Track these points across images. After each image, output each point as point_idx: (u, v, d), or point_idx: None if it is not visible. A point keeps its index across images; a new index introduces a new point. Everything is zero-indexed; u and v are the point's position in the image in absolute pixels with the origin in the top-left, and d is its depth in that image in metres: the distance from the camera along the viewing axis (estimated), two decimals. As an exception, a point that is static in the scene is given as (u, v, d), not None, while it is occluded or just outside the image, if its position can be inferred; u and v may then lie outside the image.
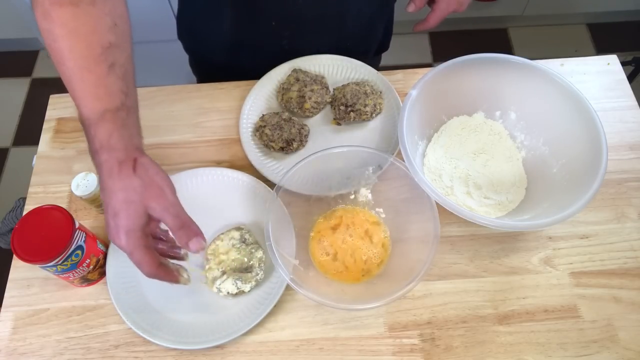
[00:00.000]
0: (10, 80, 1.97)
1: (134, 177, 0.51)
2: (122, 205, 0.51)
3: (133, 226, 0.51)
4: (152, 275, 0.53)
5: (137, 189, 0.51)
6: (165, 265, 0.55)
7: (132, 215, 0.51)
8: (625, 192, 0.74)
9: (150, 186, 0.52)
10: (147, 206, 0.52)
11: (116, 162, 0.51)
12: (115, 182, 0.51)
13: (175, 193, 0.55)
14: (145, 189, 0.52)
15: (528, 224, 0.64)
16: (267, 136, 0.76)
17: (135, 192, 0.51)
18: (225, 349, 0.64)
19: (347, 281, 0.66)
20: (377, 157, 0.68)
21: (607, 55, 0.86)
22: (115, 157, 0.51)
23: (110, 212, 0.51)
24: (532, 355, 0.62)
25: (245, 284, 0.65)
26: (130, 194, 0.51)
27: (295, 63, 0.84)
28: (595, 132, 0.65)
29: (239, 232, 0.69)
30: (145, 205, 0.52)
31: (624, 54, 1.35)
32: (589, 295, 0.66)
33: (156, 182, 0.53)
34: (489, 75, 0.73)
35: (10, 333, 0.65)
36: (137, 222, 0.51)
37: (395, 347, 0.63)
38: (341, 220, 0.70)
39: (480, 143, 0.75)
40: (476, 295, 0.66)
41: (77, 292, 0.68)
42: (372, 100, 0.78)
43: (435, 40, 2.03)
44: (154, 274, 0.53)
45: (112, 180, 0.51)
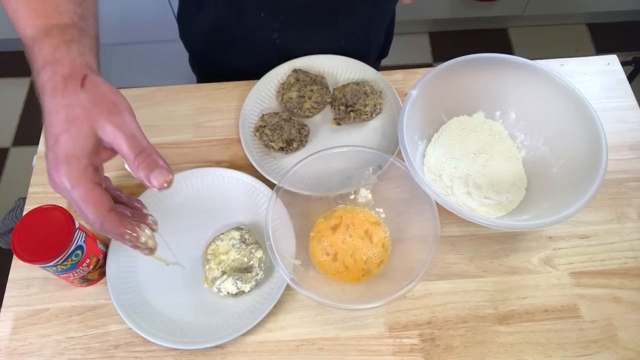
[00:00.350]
0: (10, 80, 1.97)
1: (80, 92, 0.41)
2: (62, 125, 0.41)
3: (75, 151, 0.40)
4: (101, 221, 0.41)
5: (84, 103, 0.41)
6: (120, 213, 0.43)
7: (74, 136, 0.40)
8: (625, 192, 0.74)
9: (100, 102, 0.42)
10: (94, 124, 0.41)
11: (61, 78, 0.42)
12: (57, 101, 0.41)
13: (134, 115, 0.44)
14: (94, 104, 0.41)
15: (528, 224, 0.64)
16: (267, 136, 0.76)
17: (80, 107, 0.41)
18: (225, 349, 0.64)
19: (347, 281, 0.66)
20: (377, 157, 0.68)
21: (607, 55, 0.86)
22: (61, 73, 0.42)
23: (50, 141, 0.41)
24: (532, 355, 0.62)
25: (245, 284, 0.65)
26: (74, 110, 0.41)
27: (295, 63, 0.84)
28: (595, 132, 0.65)
29: (239, 232, 0.69)
30: (92, 123, 0.41)
31: (624, 54, 1.35)
32: (589, 295, 0.66)
33: (108, 98, 0.42)
34: (489, 75, 0.73)
35: (10, 333, 0.65)
36: (81, 145, 0.40)
37: (395, 347, 0.63)
38: (341, 221, 0.70)
39: (480, 143, 0.75)
40: (476, 295, 0.66)
41: (77, 292, 0.68)
42: (372, 100, 0.78)
43: (435, 40, 2.03)
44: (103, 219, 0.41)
45: (54, 100, 0.41)
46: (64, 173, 0.40)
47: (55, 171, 0.41)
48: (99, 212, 0.41)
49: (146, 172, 0.41)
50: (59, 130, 0.41)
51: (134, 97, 0.67)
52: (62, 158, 0.41)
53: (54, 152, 0.41)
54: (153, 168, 0.41)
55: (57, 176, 0.41)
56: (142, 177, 0.42)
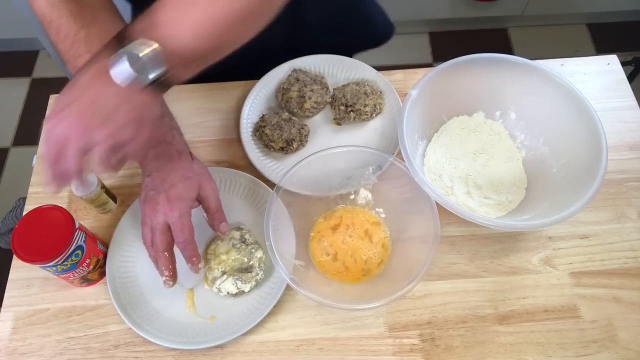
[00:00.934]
0: (10, 80, 1.97)
1: (192, 162, 0.63)
2: (180, 179, 0.60)
3: (186, 195, 0.60)
4: (188, 243, 0.60)
5: (195, 170, 0.62)
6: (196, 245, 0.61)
7: (187, 187, 0.60)
8: (625, 192, 0.74)
9: (202, 172, 0.64)
10: (200, 184, 0.62)
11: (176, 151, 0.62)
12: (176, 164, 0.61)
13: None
14: (201, 172, 0.63)
15: (528, 224, 0.64)
16: (267, 136, 0.76)
17: (192, 172, 0.62)
18: (225, 349, 0.64)
19: (347, 281, 0.66)
20: (377, 157, 0.68)
21: (607, 55, 0.86)
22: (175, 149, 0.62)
23: (166, 185, 0.60)
24: (532, 355, 0.62)
25: (245, 284, 0.65)
26: (188, 172, 0.61)
27: (295, 63, 0.84)
28: (595, 132, 0.65)
29: (239, 232, 0.69)
30: (199, 183, 0.62)
31: (624, 54, 1.35)
32: (589, 295, 0.66)
33: (205, 171, 0.64)
34: (489, 75, 0.73)
35: (10, 333, 0.65)
36: (190, 193, 0.61)
37: (395, 347, 0.63)
38: (341, 221, 0.70)
39: (480, 143, 0.75)
40: (476, 295, 0.66)
41: (77, 292, 0.68)
42: (372, 100, 0.78)
43: (435, 40, 2.03)
44: (190, 242, 0.60)
45: (173, 164, 0.61)
46: (177, 207, 0.59)
47: (170, 206, 0.59)
48: (190, 237, 0.60)
49: (217, 223, 0.65)
50: (176, 181, 0.60)
51: (134, 97, 0.67)
52: (177, 198, 0.59)
53: (169, 193, 0.59)
54: (222, 221, 0.65)
55: (170, 209, 0.59)
56: (214, 225, 0.65)
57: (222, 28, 0.47)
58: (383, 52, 1.01)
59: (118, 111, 0.46)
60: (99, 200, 0.70)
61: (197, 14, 0.45)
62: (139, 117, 0.48)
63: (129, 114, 0.46)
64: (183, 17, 0.45)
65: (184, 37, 0.46)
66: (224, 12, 0.46)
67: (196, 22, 0.46)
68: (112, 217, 0.73)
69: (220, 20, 0.46)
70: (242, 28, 0.48)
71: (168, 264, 0.61)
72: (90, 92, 0.46)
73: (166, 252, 0.60)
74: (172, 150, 0.61)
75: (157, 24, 0.45)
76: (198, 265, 0.62)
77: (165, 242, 0.60)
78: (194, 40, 0.46)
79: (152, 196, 0.60)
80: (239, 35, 0.49)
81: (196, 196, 0.62)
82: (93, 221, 0.73)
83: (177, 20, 0.45)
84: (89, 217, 0.73)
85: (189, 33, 0.46)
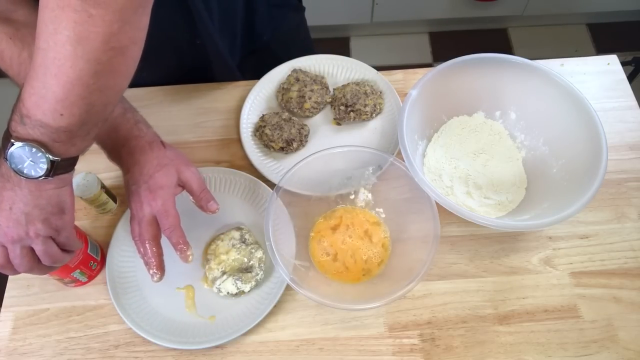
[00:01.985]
0: (10, 80, 1.97)
1: (165, 150, 0.63)
2: (156, 168, 0.60)
3: (166, 183, 0.61)
4: (174, 227, 0.60)
5: (170, 156, 0.62)
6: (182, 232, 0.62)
7: (165, 175, 0.61)
8: (625, 192, 0.74)
9: (178, 157, 0.64)
10: (177, 169, 0.62)
11: (147, 143, 0.62)
12: (148, 155, 0.61)
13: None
14: (176, 157, 0.63)
15: (528, 224, 0.64)
16: (267, 136, 0.76)
17: (167, 158, 0.62)
18: (225, 349, 0.64)
19: (347, 281, 0.66)
20: (377, 157, 0.68)
21: (607, 55, 0.86)
22: (145, 140, 0.62)
23: (145, 177, 0.60)
24: (532, 355, 0.62)
25: (245, 284, 0.65)
26: (163, 160, 0.61)
27: (295, 63, 0.84)
28: (595, 132, 0.65)
29: (239, 232, 0.69)
30: (177, 168, 0.62)
31: (624, 54, 1.35)
32: (589, 295, 0.66)
33: (181, 155, 0.65)
34: (489, 75, 0.73)
35: (10, 333, 0.65)
36: (169, 180, 0.61)
37: (395, 347, 0.63)
38: (341, 221, 0.70)
39: (480, 143, 0.75)
40: (476, 295, 0.66)
41: (77, 292, 0.68)
42: (372, 100, 0.78)
43: (435, 40, 2.03)
44: (175, 227, 0.60)
45: (146, 156, 0.61)
46: (159, 195, 0.60)
47: (152, 195, 0.60)
48: (175, 222, 0.61)
49: (204, 203, 0.64)
50: (153, 171, 0.60)
51: (134, 97, 0.67)
52: (157, 187, 0.60)
53: (149, 184, 0.60)
54: (209, 200, 0.65)
55: (152, 198, 0.60)
56: (202, 205, 0.64)
57: (79, 94, 0.45)
58: (383, 52, 1.01)
59: (35, 209, 0.49)
60: (99, 201, 0.69)
61: (52, 91, 0.45)
62: (57, 205, 0.51)
63: (46, 208, 0.50)
64: (42, 100, 0.45)
65: (51, 118, 0.46)
66: (70, 79, 0.44)
67: (54, 99, 0.45)
68: (112, 218, 0.73)
69: (72, 87, 0.45)
70: (97, 86, 0.46)
71: (154, 255, 0.61)
72: (4, 201, 0.49)
73: (152, 242, 0.60)
74: (142, 142, 0.62)
75: (27, 115, 0.46)
76: (187, 253, 0.61)
77: (152, 233, 0.60)
78: (61, 117, 0.46)
79: (134, 190, 0.61)
80: (100, 93, 0.47)
81: (177, 182, 0.62)
82: (93, 221, 0.73)
83: (38, 105, 0.45)
84: (88, 217, 0.73)
85: (54, 112, 0.46)
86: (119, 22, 0.43)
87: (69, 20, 0.42)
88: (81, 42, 0.43)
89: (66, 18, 0.42)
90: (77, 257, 0.63)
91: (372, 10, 1.85)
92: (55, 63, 0.44)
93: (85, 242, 0.64)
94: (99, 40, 0.43)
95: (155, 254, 0.61)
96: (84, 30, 0.42)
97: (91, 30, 0.42)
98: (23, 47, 0.59)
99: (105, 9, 0.42)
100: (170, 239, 0.61)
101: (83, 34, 0.42)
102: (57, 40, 0.43)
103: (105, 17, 0.42)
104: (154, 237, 0.60)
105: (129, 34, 0.45)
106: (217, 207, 0.65)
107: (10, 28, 0.59)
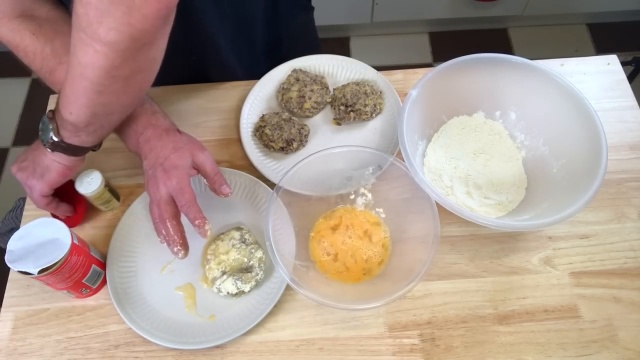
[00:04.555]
0: (10, 80, 1.97)
1: (180, 135, 0.66)
2: (171, 150, 0.63)
3: (181, 163, 0.63)
4: (191, 203, 0.62)
5: (184, 140, 0.65)
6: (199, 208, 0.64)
7: (180, 156, 0.63)
8: (625, 192, 0.74)
9: (192, 142, 0.66)
10: (192, 152, 0.64)
11: (163, 130, 0.65)
12: (164, 140, 0.64)
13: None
14: (191, 141, 0.66)
15: (528, 224, 0.64)
16: (267, 136, 0.76)
17: (182, 142, 0.65)
18: (225, 349, 0.64)
19: (347, 281, 0.66)
20: (377, 157, 0.68)
21: (607, 55, 0.86)
22: (162, 128, 0.65)
23: (161, 159, 0.63)
24: (532, 355, 0.62)
25: (245, 284, 0.65)
26: (178, 143, 0.64)
27: (295, 63, 0.84)
28: (595, 132, 0.65)
29: (239, 232, 0.69)
30: (191, 151, 0.64)
31: (624, 54, 1.35)
32: (589, 295, 0.66)
33: (196, 140, 0.67)
34: (489, 75, 0.73)
35: (10, 333, 0.65)
36: (184, 161, 0.63)
37: (395, 347, 0.63)
38: (341, 221, 0.70)
39: (480, 143, 0.75)
40: (476, 295, 0.66)
41: (77, 292, 0.68)
42: (372, 100, 0.78)
43: (435, 40, 2.03)
44: (192, 203, 0.62)
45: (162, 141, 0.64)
46: (174, 175, 0.62)
47: (167, 175, 0.62)
48: (191, 199, 0.62)
49: (218, 186, 0.66)
50: (168, 153, 0.63)
51: (134, 97, 0.67)
52: (172, 167, 0.62)
53: (164, 165, 0.62)
54: (222, 184, 0.66)
55: (168, 178, 0.62)
56: (216, 188, 0.66)
57: (85, 104, 0.54)
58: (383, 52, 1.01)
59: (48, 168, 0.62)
60: (102, 198, 0.70)
61: (66, 94, 0.54)
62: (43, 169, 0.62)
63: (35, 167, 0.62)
64: (63, 97, 0.55)
65: (63, 112, 0.56)
66: (78, 92, 0.53)
67: (68, 101, 0.55)
68: (113, 218, 0.73)
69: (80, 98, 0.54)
70: (101, 102, 0.55)
71: (176, 232, 0.62)
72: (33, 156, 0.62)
73: (173, 220, 0.62)
74: (159, 130, 0.65)
75: (56, 104, 0.58)
76: (205, 228, 0.63)
77: (171, 211, 0.62)
78: (70, 114, 0.56)
79: (151, 174, 0.63)
80: (104, 107, 0.56)
81: (191, 164, 0.64)
82: (94, 221, 0.73)
83: (60, 100, 0.56)
84: (90, 216, 0.73)
85: (66, 109, 0.55)
86: (121, 59, 0.49)
87: (80, 50, 0.49)
88: (87, 67, 0.50)
89: (79, 45, 0.49)
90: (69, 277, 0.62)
91: (372, 10, 1.85)
92: (71, 75, 0.52)
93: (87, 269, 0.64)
94: (101, 70, 0.50)
95: (177, 231, 0.62)
96: (89, 60, 0.49)
97: (95, 62, 0.49)
98: (45, 42, 0.63)
99: (110, 48, 0.48)
100: (187, 215, 0.62)
101: (89, 62, 0.49)
102: (72, 60, 0.51)
103: (109, 54, 0.48)
104: (173, 215, 0.62)
105: (132, 66, 0.51)
106: (230, 190, 0.66)
107: (33, 24, 0.63)
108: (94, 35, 0.47)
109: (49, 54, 0.63)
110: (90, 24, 0.46)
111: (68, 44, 0.63)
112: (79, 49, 0.49)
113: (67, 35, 0.63)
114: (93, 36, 0.47)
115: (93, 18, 0.46)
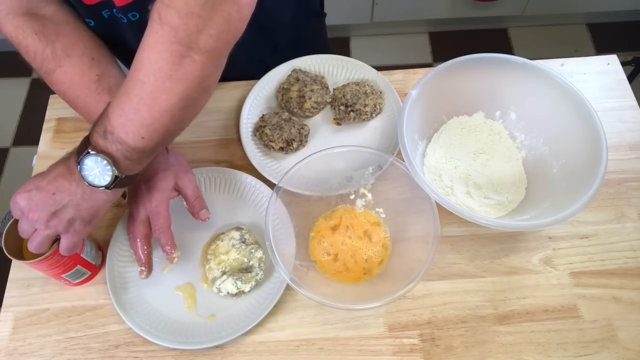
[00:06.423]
0: (10, 80, 1.97)
1: (168, 155, 0.66)
2: (156, 172, 0.64)
3: (163, 186, 0.64)
4: (164, 229, 0.63)
5: (171, 161, 0.66)
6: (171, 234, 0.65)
7: (163, 179, 0.64)
8: (625, 192, 0.74)
9: (178, 163, 0.67)
10: (176, 175, 0.65)
11: None
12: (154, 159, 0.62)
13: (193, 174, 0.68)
14: (176, 163, 0.66)
15: (528, 224, 0.64)
16: (267, 136, 0.76)
17: (168, 164, 0.65)
18: (225, 349, 0.64)
19: (347, 281, 0.66)
20: (377, 157, 0.68)
21: (607, 55, 0.86)
22: None
23: (146, 177, 0.64)
24: (532, 355, 0.62)
25: (245, 284, 0.65)
26: (164, 165, 0.65)
27: (295, 63, 0.84)
28: (595, 132, 0.65)
29: (239, 232, 0.69)
30: (175, 174, 0.65)
31: (624, 54, 1.35)
32: (589, 295, 0.66)
33: (182, 162, 0.67)
34: (489, 75, 0.73)
35: (10, 333, 0.65)
36: (166, 185, 0.64)
37: (395, 347, 0.63)
38: (341, 221, 0.70)
39: (480, 143, 0.75)
40: (476, 295, 0.66)
41: (77, 292, 0.68)
42: (372, 100, 0.78)
43: (435, 40, 2.03)
44: (165, 229, 0.63)
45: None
46: (155, 198, 0.63)
47: (148, 197, 0.63)
48: (166, 225, 0.64)
49: (197, 210, 0.67)
50: (152, 174, 0.64)
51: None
52: (154, 189, 0.63)
53: (147, 185, 0.64)
54: (201, 208, 0.67)
55: (148, 199, 0.63)
56: (194, 212, 0.67)
57: (164, 123, 0.52)
58: (383, 52, 1.01)
59: (71, 208, 0.55)
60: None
61: (141, 117, 0.51)
62: (91, 213, 0.57)
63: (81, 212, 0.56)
64: (129, 123, 0.51)
65: (132, 139, 0.52)
66: (161, 110, 0.51)
67: (141, 124, 0.51)
68: (112, 218, 0.73)
69: (160, 117, 0.52)
70: (181, 118, 0.54)
71: (143, 252, 0.63)
72: (54, 185, 0.55)
73: (143, 240, 0.63)
74: None
75: (111, 131, 0.52)
76: (172, 255, 0.64)
77: (143, 232, 0.63)
78: (141, 139, 0.52)
79: (133, 191, 0.65)
80: (180, 124, 0.55)
81: (173, 186, 0.65)
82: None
83: (124, 125, 0.52)
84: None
85: (137, 135, 0.52)
86: (213, 67, 0.50)
87: (174, 63, 0.48)
88: (181, 81, 0.49)
89: (172, 60, 0.48)
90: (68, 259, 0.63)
91: (372, 10, 1.85)
92: (151, 95, 0.50)
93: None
94: (196, 81, 0.50)
95: (144, 252, 0.64)
96: (185, 72, 0.49)
97: (191, 72, 0.49)
98: (47, 44, 0.63)
99: (207, 56, 0.48)
100: (158, 240, 0.64)
101: (184, 75, 0.49)
102: (159, 76, 0.49)
103: (206, 62, 0.49)
104: (145, 236, 0.63)
105: (216, 75, 0.53)
106: (209, 215, 0.67)
107: (37, 24, 0.63)
108: (193, 45, 0.47)
109: (49, 55, 0.63)
110: (190, 34, 0.46)
111: (68, 47, 0.63)
112: (172, 64, 0.48)
113: (69, 37, 0.64)
114: (192, 46, 0.47)
115: (193, 27, 0.46)
